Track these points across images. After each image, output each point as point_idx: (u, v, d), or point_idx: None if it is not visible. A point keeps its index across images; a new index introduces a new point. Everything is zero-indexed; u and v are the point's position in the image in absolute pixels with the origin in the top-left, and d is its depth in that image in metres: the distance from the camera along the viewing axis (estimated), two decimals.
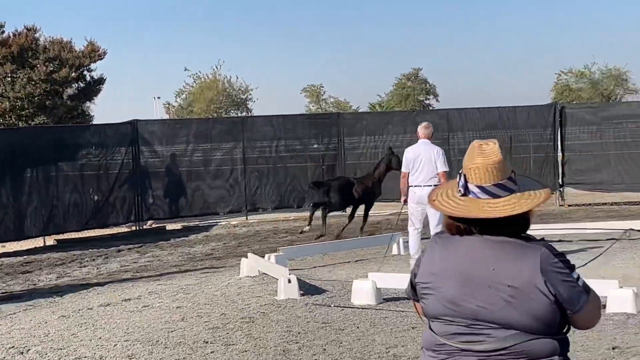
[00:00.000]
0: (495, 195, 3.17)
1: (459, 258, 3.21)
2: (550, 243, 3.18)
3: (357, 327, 9.07)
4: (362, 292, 10.34)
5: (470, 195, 3.21)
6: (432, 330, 3.27)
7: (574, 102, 48.73)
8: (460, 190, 3.23)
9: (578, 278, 3.13)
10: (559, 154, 23.37)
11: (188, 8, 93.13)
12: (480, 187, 3.18)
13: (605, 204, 21.94)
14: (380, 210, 22.13)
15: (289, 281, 10.73)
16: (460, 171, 3.25)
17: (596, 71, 62.88)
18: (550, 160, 23.26)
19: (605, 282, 9.55)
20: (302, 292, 10.78)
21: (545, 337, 3.10)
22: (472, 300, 3.14)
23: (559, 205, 22.69)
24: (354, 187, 17.61)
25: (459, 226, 3.24)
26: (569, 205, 22.45)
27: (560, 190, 23.10)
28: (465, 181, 3.22)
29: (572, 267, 3.14)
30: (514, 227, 3.17)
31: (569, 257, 3.18)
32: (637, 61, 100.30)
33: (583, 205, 22.27)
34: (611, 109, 26.62)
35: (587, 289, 3.15)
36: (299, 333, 8.91)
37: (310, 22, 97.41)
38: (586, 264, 9.09)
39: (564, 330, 3.20)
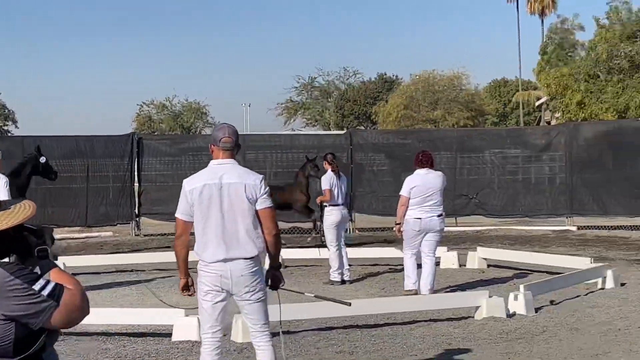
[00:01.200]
0: None
1: None
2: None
3: None
4: None
5: None
6: None
7: (155, 133, 49.69)
8: None
9: (43, 288, 3.19)
10: (136, 184, 23.47)
11: None
12: None
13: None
14: None
15: None
16: None
17: (177, 104, 64.82)
18: (127, 190, 23.20)
19: (172, 311, 9.61)
20: None
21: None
22: None
23: (135, 235, 22.74)
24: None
25: None
26: (145, 235, 22.59)
27: (136, 220, 23.15)
28: None
29: (33, 280, 3.20)
30: None
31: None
32: (216, 96, 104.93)
33: (159, 235, 22.45)
34: (189, 141, 27.54)
35: (56, 295, 3.20)
36: None
37: None
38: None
39: (33, 347, 3.24)
